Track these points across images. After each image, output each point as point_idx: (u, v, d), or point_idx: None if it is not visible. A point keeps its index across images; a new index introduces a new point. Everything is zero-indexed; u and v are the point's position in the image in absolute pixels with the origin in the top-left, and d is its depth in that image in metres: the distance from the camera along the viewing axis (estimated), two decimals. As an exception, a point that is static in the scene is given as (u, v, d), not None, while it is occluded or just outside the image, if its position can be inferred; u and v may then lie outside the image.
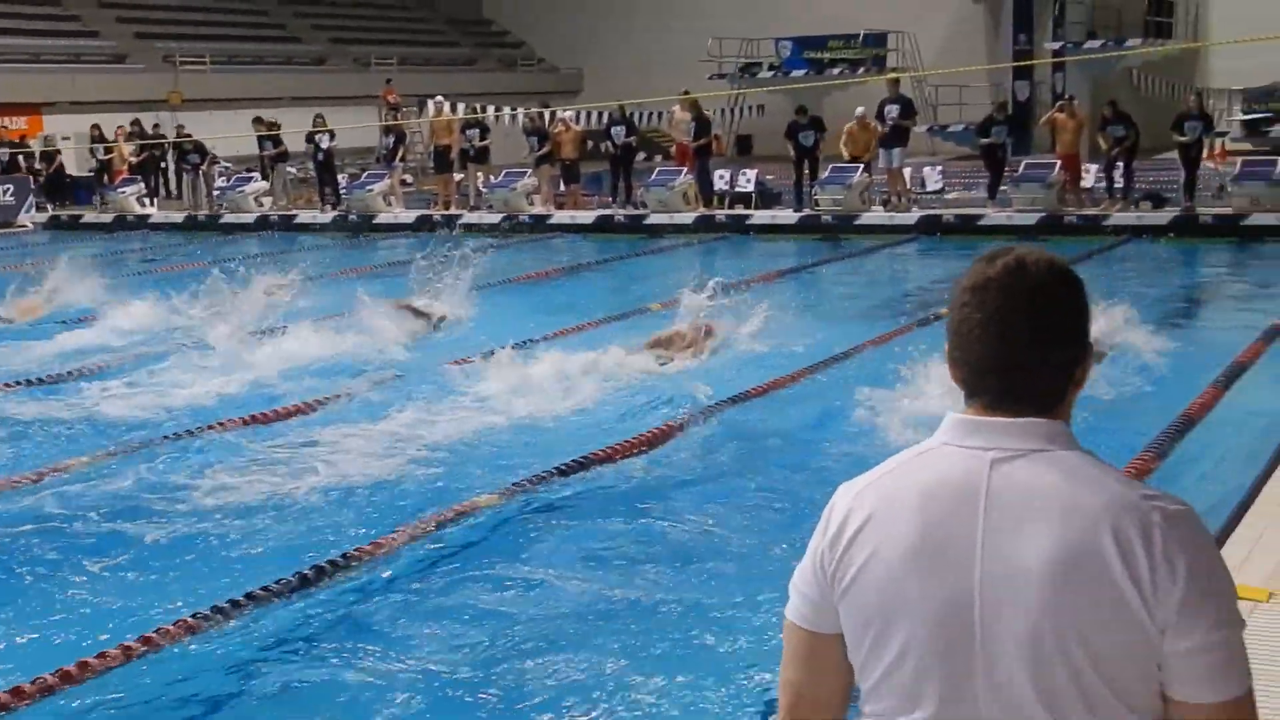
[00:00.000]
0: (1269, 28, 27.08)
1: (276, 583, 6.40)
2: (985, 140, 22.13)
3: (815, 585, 1.99)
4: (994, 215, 21.18)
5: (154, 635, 5.78)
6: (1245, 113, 28.99)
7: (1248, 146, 27.03)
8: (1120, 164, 21.01)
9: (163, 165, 28.03)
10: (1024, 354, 1.91)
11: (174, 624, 5.92)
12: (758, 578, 6.50)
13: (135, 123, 28.23)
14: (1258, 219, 19.54)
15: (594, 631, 6.04)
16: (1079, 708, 1.83)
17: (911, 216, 21.69)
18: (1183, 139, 20.51)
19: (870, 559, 1.92)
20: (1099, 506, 1.83)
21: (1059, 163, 21.53)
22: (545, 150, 24.25)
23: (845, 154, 22.51)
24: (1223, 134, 27.25)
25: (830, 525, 1.98)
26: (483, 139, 25.02)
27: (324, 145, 25.77)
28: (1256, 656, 2.30)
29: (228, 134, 27.87)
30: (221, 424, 9.61)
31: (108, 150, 28.03)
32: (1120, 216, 20.49)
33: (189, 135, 27.33)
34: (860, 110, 22.58)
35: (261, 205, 26.56)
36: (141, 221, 26.37)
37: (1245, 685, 1.85)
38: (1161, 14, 31.91)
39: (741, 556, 6.89)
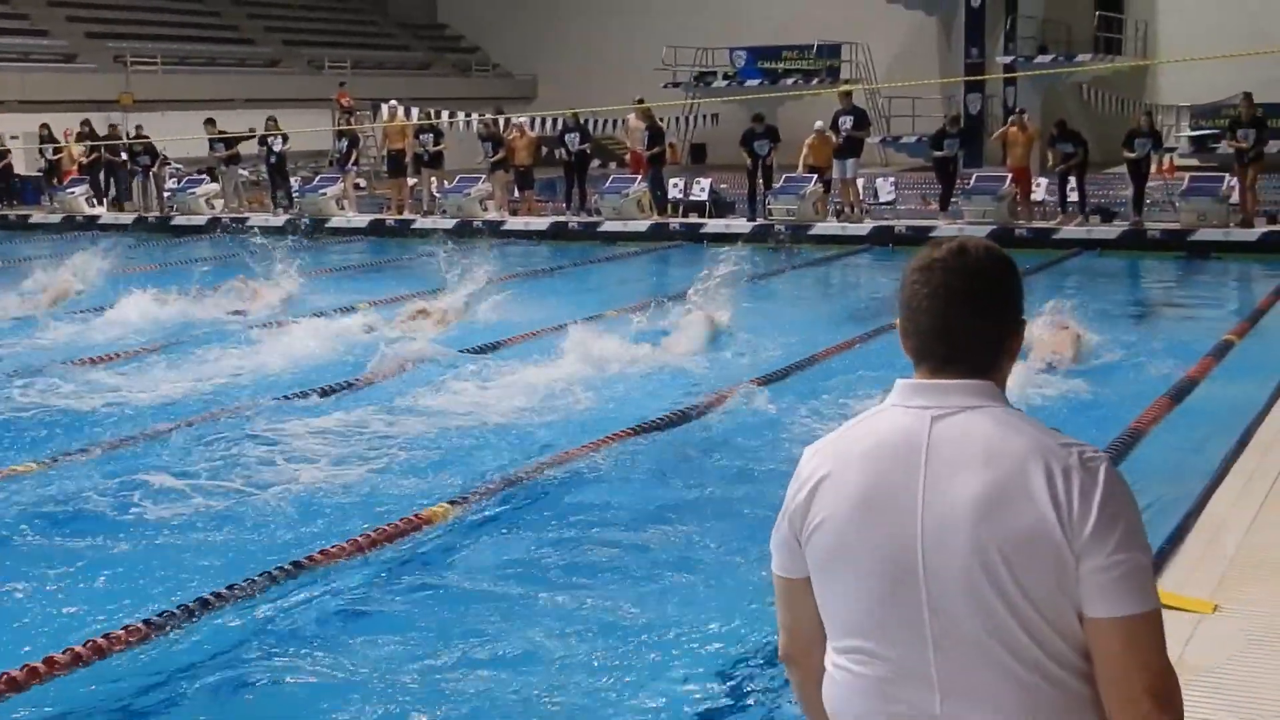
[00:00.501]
0: (1216, 46, 27.53)
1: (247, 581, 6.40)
2: (938, 153, 22.31)
3: (786, 534, 2.26)
4: (945, 227, 21.32)
5: (101, 641, 5.73)
6: (1193, 129, 29.37)
7: (1195, 162, 27.39)
8: (1072, 179, 21.23)
9: (124, 162, 27.62)
10: (963, 325, 2.17)
11: (141, 622, 5.89)
12: (717, 589, 6.54)
13: (85, 123, 27.95)
14: (1204, 234, 19.80)
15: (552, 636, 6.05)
16: (1019, 634, 2.05)
17: (864, 227, 21.83)
18: (1132, 155, 20.75)
19: (827, 512, 2.18)
20: (1024, 450, 2.07)
21: (1010, 176, 21.75)
22: (500, 156, 24.23)
23: (802, 167, 22.63)
24: (1171, 150, 27.60)
25: (795, 483, 2.25)
26: (436, 144, 24.95)
27: (277, 148, 25.62)
28: (1204, 666, 2.38)
29: (179, 136, 27.61)
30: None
31: (56, 151, 27.73)
32: (1070, 230, 20.72)
33: (145, 136, 27.09)
34: (819, 124, 22.73)
35: (213, 208, 26.37)
36: (90, 222, 26.11)
37: (1149, 605, 2.05)
38: (1111, 30, 32.28)
39: (696, 565, 6.92)
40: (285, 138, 25.59)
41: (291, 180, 26.59)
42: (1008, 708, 2.07)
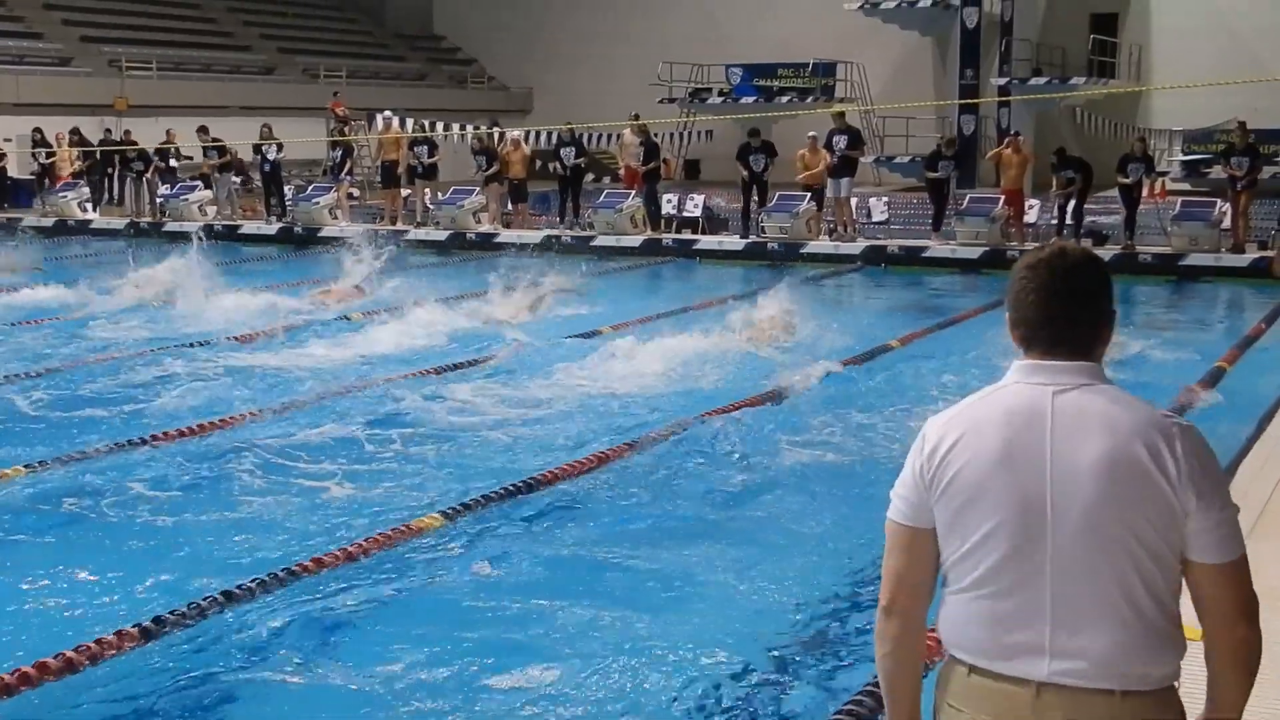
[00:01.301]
0: (1209, 71, 27.64)
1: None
2: (932, 174, 22.36)
3: (915, 490, 2.64)
4: (938, 248, 21.39)
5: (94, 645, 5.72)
6: (1185, 154, 29.45)
7: (1188, 187, 27.47)
8: (1071, 203, 21.27)
9: (109, 171, 27.69)
10: (1064, 315, 2.60)
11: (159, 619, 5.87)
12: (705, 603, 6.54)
13: (75, 131, 27.92)
14: (1196, 259, 19.87)
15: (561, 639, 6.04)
16: (1129, 575, 2.49)
17: (857, 246, 21.86)
18: (1126, 181, 20.81)
19: (964, 466, 2.57)
20: (1134, 422, 2.52)
21: (1003, 197, 21.80)
22: (493, 170, 24.23)
23: (800, 177, 22.58)
24: (1163, 174, 27.69)
25: (926, 445, 2.63)
26: (431, 156, 24.97)
27: (271, 156, 25.60)
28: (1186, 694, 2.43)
29: (170, 142, 27.57)
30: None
31: (49, 155, 27.70)
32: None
33: (134, 141, 27.07)
34: (812, 134, 22.75)
35: (205, 214, 26.34)
36: (83, 226, 26.06)
37: (1241, 551, 2.54)
38: (1105, 54, 32.38)
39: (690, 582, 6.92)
40: (280, 146, 25.57)
41: (285, 189, 26.57)
42: (1106, 639, 2.49)
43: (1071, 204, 21.26)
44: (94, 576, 6.96)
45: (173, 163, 27.54)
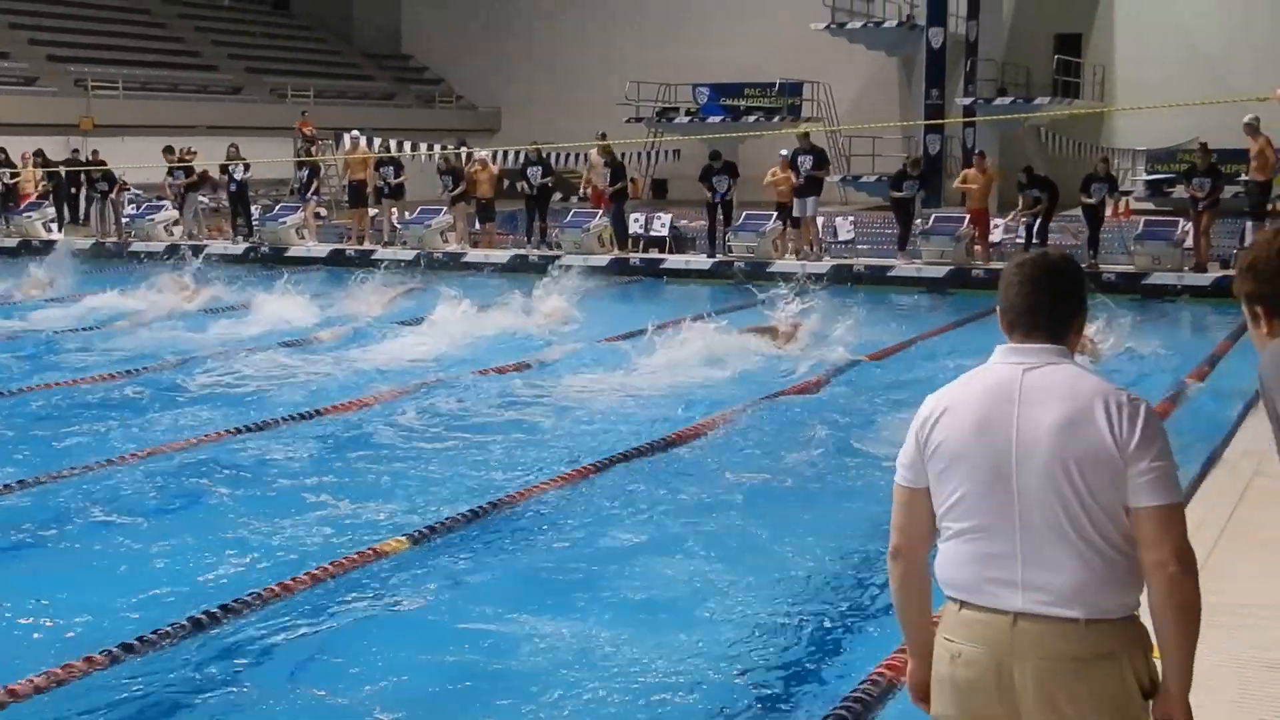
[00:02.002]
0: (1172, 91, 27.90)
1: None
2: (897, 194, 22.47)
3: (912, 455, 3.13)
4: (903, 267, 21.49)
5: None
6: (1149, 173, 29.71)
7: (1151, 206, 27.70)
8: (1037, 222, 21.40)
9: (74, 191, 27.54)
10: (1043, 304, 3.06)
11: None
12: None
13: (39, 153, 27.77)
14: (1159, 278, 20.03)
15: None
16: (1083, 520, 2.91)
17: (823, 265, 21.92)
18: (1090, 201, 20.97)
19: (948, 435, 3.04)
20: (1090, 391, 2.97)
21: (968, 217, 21.93)
22: (460, 190, 24.22)
23: (767, 181, 22.62)
24: (1127, 193, 27.91)
25: (921, 416, 3.12)
26: (397, 176, 24.94)
27: (238, 176, 25.52)
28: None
29: (139, 162, 27.44)
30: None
31: (14, 175, 27.51)
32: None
33: (103, 162, 26.93)
34: (784, 151, 22.83)
35: (171, 234, 26.22)
36: (47, 246, 25.87)
37: (1175, 500, 2.91)
38: (1070, 74, 32.66)
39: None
40: (247, 166, 25.49)
41: (252, 208, 26.49)
42: (1068, 574, 2.91)
43: (1036, 223, 21.40)
44: (62, 598, 6.93)
45: (132, 189, 27.41)
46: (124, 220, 26.70)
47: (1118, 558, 2.91)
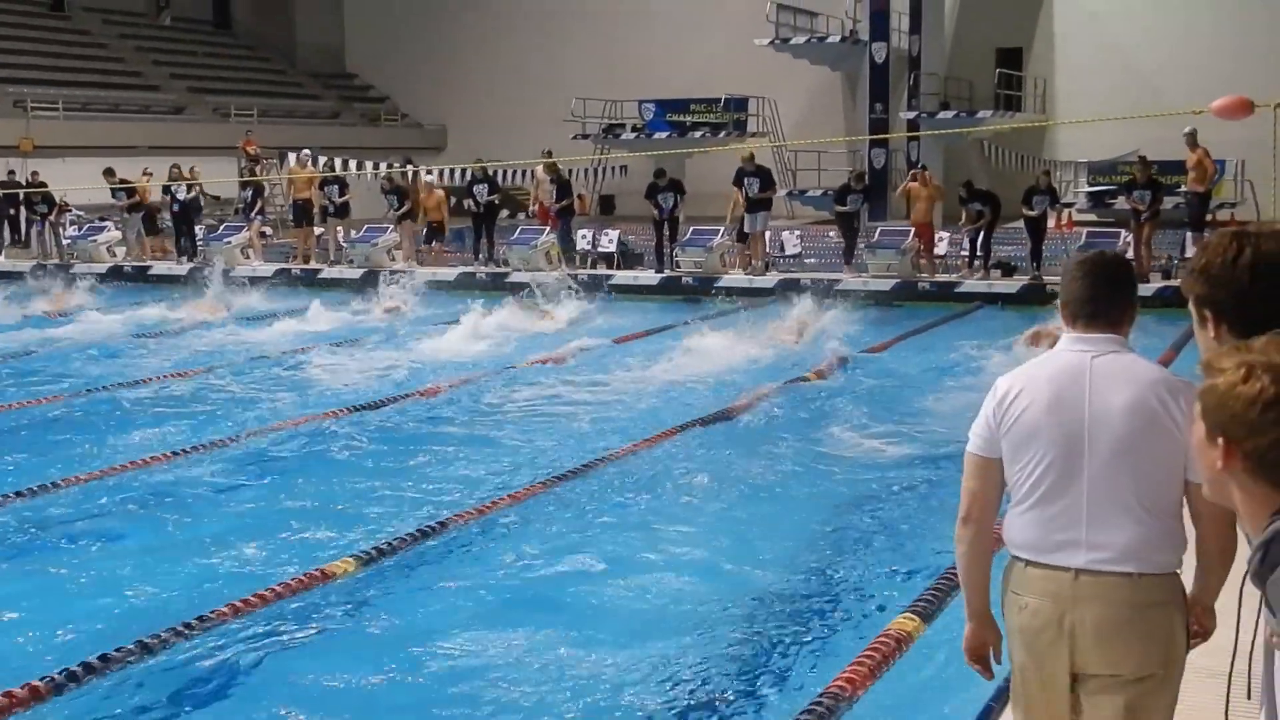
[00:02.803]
0: (1111, 104, 28.29)
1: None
2: (841, 208, 22.58)
3: (988, 429, 3.52)
4: (850, 281, 21.58)
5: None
6: (1090, 185, 30.04)
7: (1093, 218, 28.00)
8: (980, 235, 21.57)
9: (12, 213, 27.21)
10: (1102, 298, 3.51)
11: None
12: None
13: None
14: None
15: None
16: (1144, 487, 3.37)
17: (770, 280, 21.99)
18: (1032, 213, 21.18)
19: (1024, 411, 3.46)
20: (1151, 378, 3.43)
21: (913, 230, 22.07)
22: (405, 209, 24.12)
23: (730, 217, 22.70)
24: (1069, 205, 28.21)
25: (996, 396, 3.52)
26: (342, 194, 24.83)
27: (181, 196, 25.31)
28: None
29: (81, 183, 27.14)
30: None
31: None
32: (972, 284, 21.05)
33: (43, 184, 26.62)
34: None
35: (114, 255, 25.94)
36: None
37: None
38: (1011, 88, 33.00)
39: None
40: (190, 186, 25.29)
41: (197, 228, 26.27)
42: (1127, 536, 3.37)
43: (980, 237, 21.59)
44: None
45: (74, 210, 27.14)
46: (65, 242, 26.39)
47: (1169, 522, 3.40)
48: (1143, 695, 3.41)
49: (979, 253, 21.52)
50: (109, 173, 25.84)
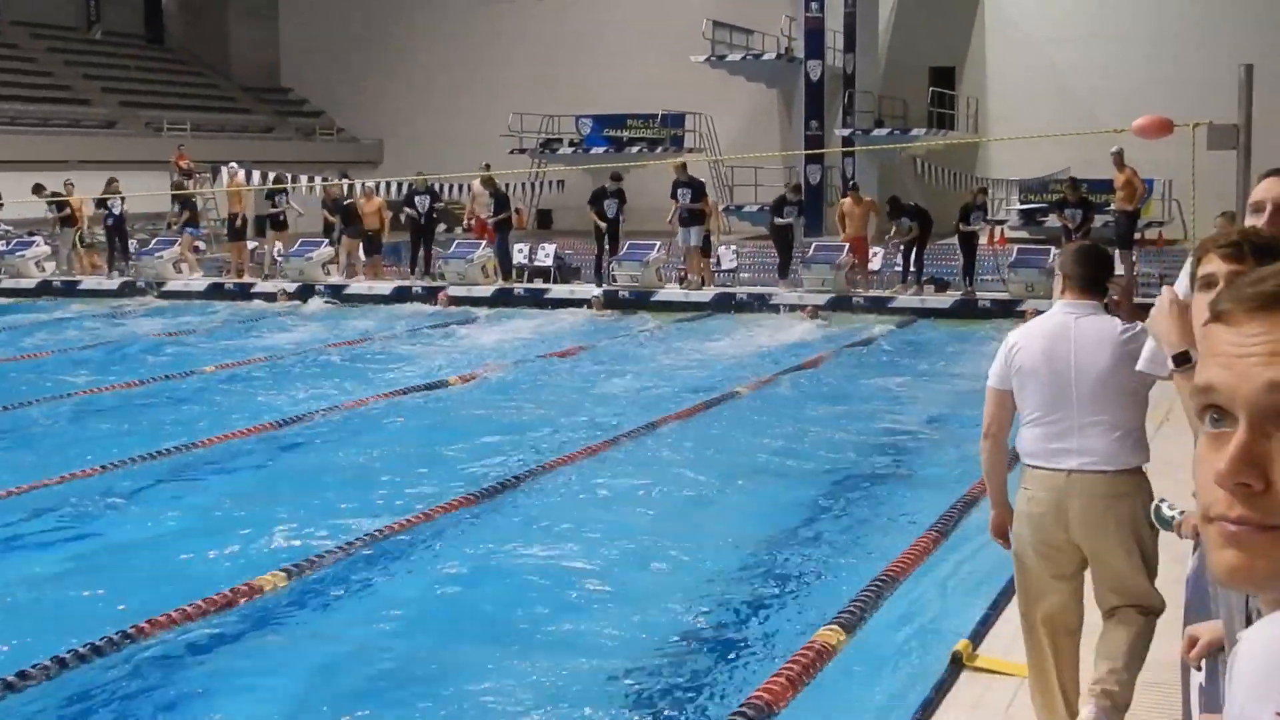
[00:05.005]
0: (1042, 123, 28.70)
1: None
2: (779, 220, 22.74)
3: (1002, 368, 4.72)
4: (785, 294, 21.72)
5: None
6: (1022, 203, 30.42)
7: (1025, 235, 28.34)
8: (913, 250, 21.81)
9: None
10: (1089, 274, 4.68)
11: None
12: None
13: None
14: (1032, 304, 20.44)
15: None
16: (1117, 406, 4.55)
17: (706, 294, 22.08)
18: (970, 228, 21.47)
19: (1026, 357, 4.65)
20: (1114, 331, 4.60)
21: (847, 245, 22.24)
22: (358, 228, 24.00)
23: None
24: (1001, 222, 28.56)
25: (1008, 344, 4.74)
26: (275, 206, 24.85)
27: (116, 210, 25.08)
28: None
29: (10, 198, 26.75)
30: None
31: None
32: (905, 299, 21.25)
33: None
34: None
35: (43, 270, 25.59)
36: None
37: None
38: (944, 106, 33.37)
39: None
40: (123, 199, 25.05)
41: (130, 243, 26.01)
42: (1106, 444, 4.54)
43: (913, 252, 21.82)
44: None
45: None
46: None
47: (1134, 434, 4.59)
48: (1124, 561, 4.60)
49: (911, 268, 21.75)
50: (38, 188, 25.52)
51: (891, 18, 34.93)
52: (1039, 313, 4.26)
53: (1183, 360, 3.38)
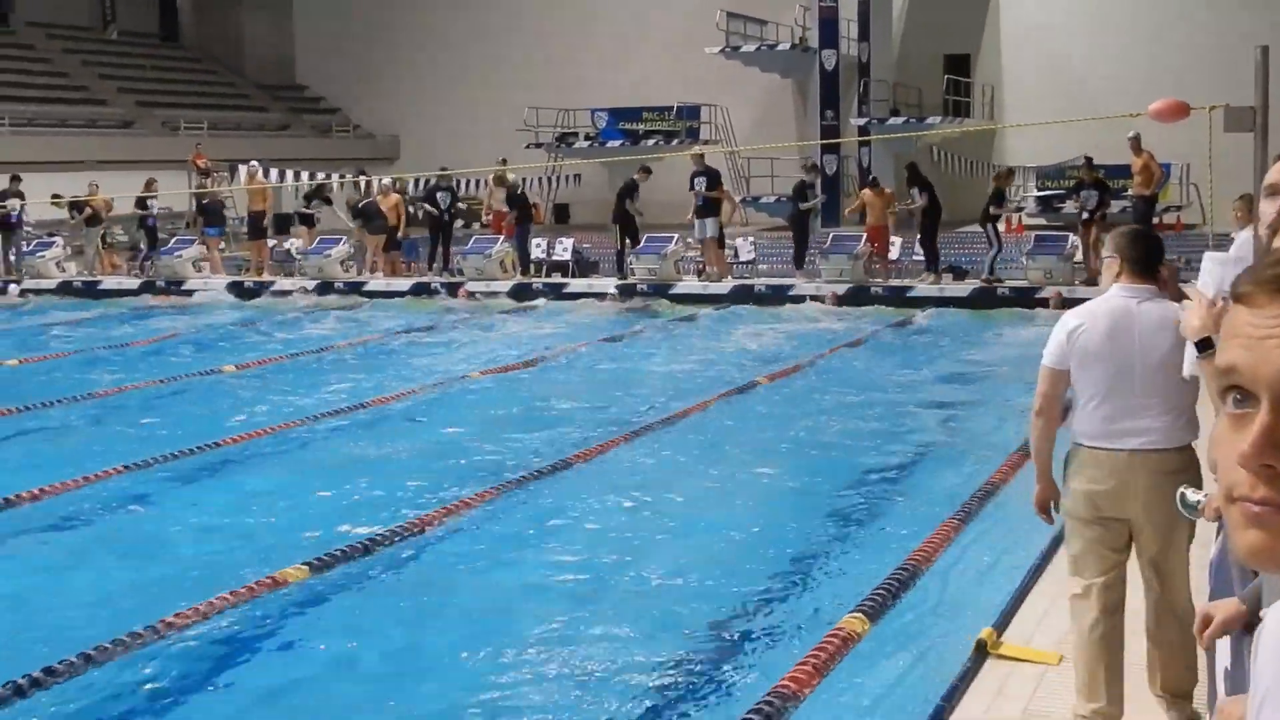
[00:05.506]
0: (1056, 111, 28.57)
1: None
2: (804, 205, 22.82)
3: (1060, 348, 4.81)
4: (803, 285, 21.72)
5: None
6: (1039, 189, 30.33)
7: (1043, 222, 28.28)
8: (923, 235, 21.81)
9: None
10: (1145, 259, 4.84)
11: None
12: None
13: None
14: (1051, 291, 20.40)
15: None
16: (1173, 388, 4.66)
17: (724, 286, 22.09)
18: (1000, 211, 21.56)
19: (1089, 338, 4.76)
20: (1173, 316, 4.53)
21: (866, 234, 22.22)
22: (380, 224, 24.09)
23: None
24: (1019, 209, 28.50)
25: (1068, 326, 4.83)
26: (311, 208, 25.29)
27: (155, 210, 25.60)
28: (1050, 716, 2.53)
29: (29, 199, 26.88)
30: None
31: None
32: (924, 288, 21.22)
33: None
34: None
35: (64, 270, 25.75)
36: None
37: None
38: (960, 94, 33.28)
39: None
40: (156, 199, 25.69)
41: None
42: (1164, 423, 4.71)
43: (923, 237, 21.86)
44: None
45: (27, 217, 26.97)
46: (12, 258, 26.16)
47: (1187, 413, 4.78)
48: (1179, 533, 4.79)
49: (922, 254, 21.82)
50: (56, 197, 25.89)
51: (905, 5, 34.82)
52: (1063, 298, 4.84)
53: (1205, 347, 3.69)
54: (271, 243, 25.52)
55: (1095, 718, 4.76)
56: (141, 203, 25.64)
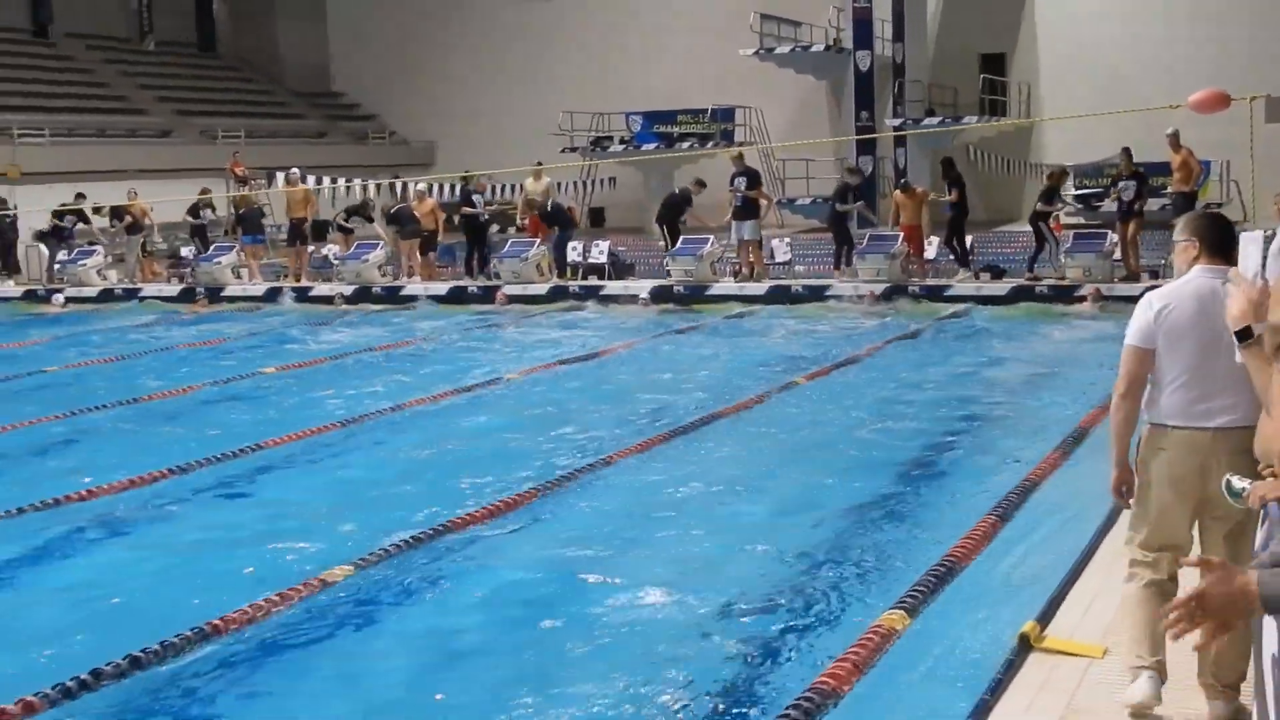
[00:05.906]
0: (1094, 107, 28.35)
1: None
2: (843, 206, 22.79)
3: (1148, 328, 4.90)
4: (840, 285, 21.67)
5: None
6: (1077, 188, 30.12)
7: (1081, 220, 28.09)
8: (952, 233, 21.81)
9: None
10: (1223, 240, 5.00)
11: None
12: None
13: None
14: (1090, 289, 20.27)
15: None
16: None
17: (761, 287, 22.07)
18: (1049, 209, 21.46)
19: (1176, 318, 4.86)
20: None
21: (902, 234, 22.16)
22: (413, 229, 24.19)
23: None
24: (1070, 208, 28.33)
25: (1154, 306, 4.92)
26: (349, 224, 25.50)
27: (209, 217, 25.99)
28: (1094, 709, 2.52)
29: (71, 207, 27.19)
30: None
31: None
32: (961, 287, 21.13)
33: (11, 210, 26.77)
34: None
35: (104, 278, 26.00)
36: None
37: None
38: (996, 93, 33.11)
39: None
40: (214, 207, 26.02)
41: (187, 249, 26.53)
42: (1245, 402, 4.59)
43: (953, 236, 21.84)
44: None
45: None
46: (55, 266, 26.44)
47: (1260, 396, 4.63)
48: (1246, 515, 4.68)
49: (950, 253, 21.80)
50: (97, 209, 26.26)
51: (940, 4, 34.68)
52: (1101, 295, 4.93)
53: (1245, 336, 3.83)
54: (309, 249, 25.67)
55: (1156, 666, 4.85)
56: (195, 210, 26.01)
